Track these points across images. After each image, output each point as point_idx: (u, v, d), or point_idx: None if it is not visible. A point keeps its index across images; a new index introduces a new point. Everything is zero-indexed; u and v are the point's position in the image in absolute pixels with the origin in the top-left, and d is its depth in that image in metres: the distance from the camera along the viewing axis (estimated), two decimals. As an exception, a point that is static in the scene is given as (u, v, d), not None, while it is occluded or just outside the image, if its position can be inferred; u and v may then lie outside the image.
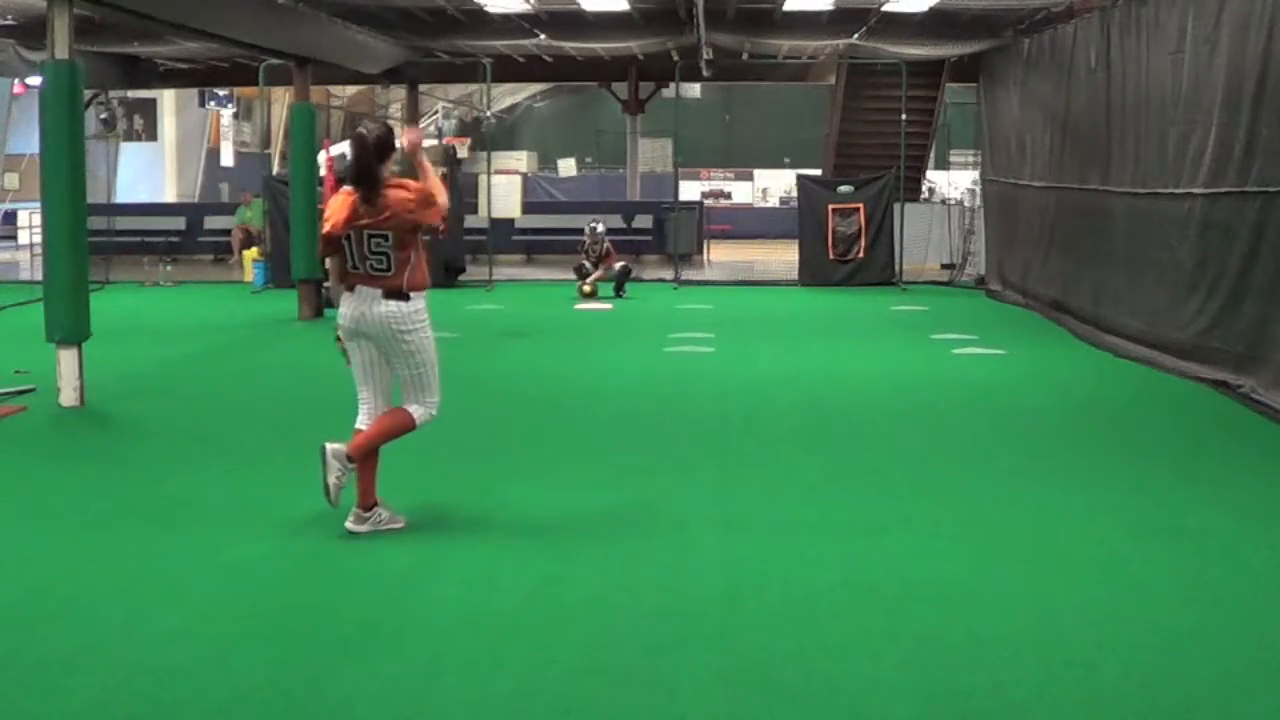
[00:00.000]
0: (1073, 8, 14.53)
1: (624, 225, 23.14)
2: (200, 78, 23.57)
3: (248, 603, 5.06)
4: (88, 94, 16.45)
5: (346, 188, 5.86)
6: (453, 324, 14.44)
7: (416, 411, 5.92)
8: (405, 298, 5.81)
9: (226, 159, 32.85)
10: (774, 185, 36.32)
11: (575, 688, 4.23)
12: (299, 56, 15.23)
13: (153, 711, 4.05)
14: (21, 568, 5.57)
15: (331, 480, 5.77)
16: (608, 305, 16.54)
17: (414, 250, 5.83)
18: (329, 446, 5.81)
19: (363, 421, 6.01)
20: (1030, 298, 15.77)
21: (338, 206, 5.87)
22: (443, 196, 5.87)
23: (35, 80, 16.80)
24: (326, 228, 5.90)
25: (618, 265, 17.33)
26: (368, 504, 5.96)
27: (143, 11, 11.46)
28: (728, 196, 36.43)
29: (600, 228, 17.44)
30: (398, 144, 5.89)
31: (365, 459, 5.90)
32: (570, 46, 19.71)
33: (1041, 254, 15.41)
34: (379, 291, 5.78)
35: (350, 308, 5.91)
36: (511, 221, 21.64)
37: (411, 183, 5.87)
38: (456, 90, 34.26)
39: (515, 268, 21.82)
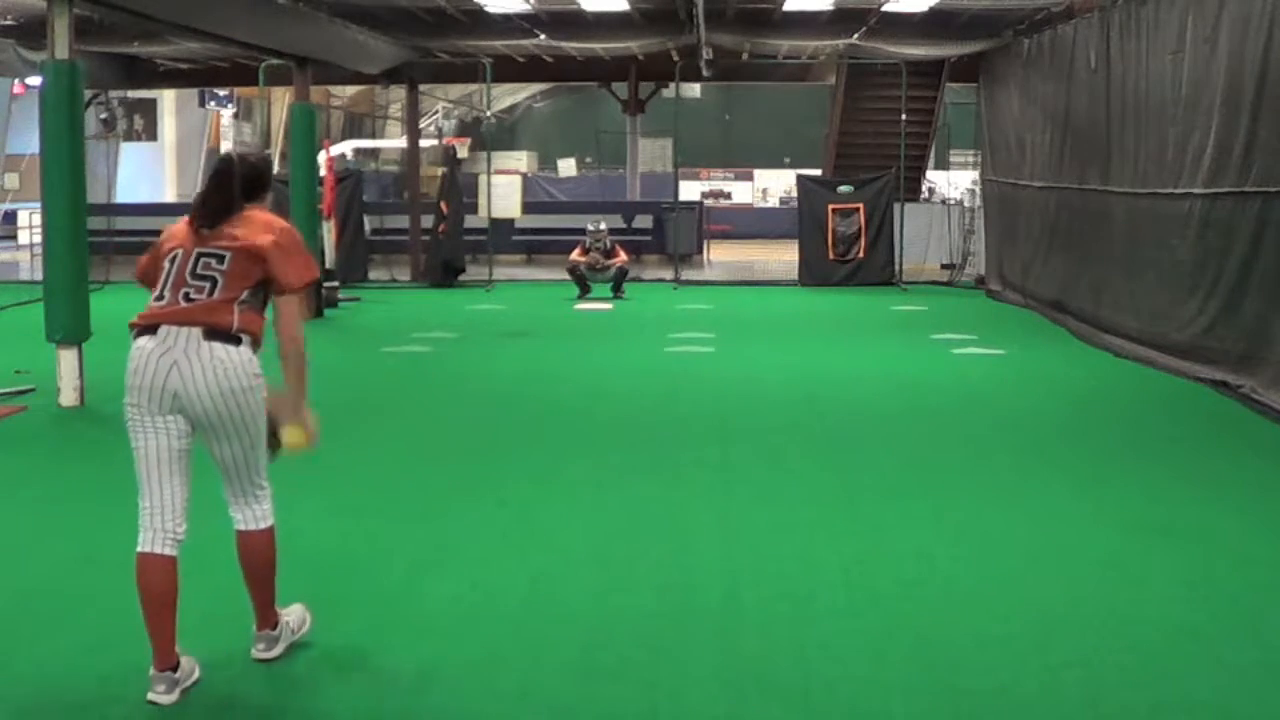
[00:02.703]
0: (1073, 8, 14.52)
1: (624, 225, 23.13)
2: (200, 78, 23.54)
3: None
4: (88, 94, 16.44)
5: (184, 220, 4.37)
6: (453, 324, 14.46)
7: (257, 513, 4.37)
8: (235, 340, 4.10)
9: (227, 159, 32.82)
10: (774, 185, 36.30)
11: (575, 688, 4.23)
12: (299, 56, 15.23)
13: (155, 710, 4.05)
14: (22, 567, 5.57)
15: (278, 652, 4.42)
16: (608, 305, 16.54)
17: (250, 291, 4.17)
18: (255, 652, 4.41)
19: (148, 544, 4.11)
20: (1030, 298, 15.77)
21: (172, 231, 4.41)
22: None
23: (35, 80, 16.80)
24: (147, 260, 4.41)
25: (618, 261, 17.24)
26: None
27: (143, 11, 11.45)
28: (728, 196, 36.40)
29: (602, 225, 17.37)
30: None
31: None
32: (570, 46, 19.70)
33: (1041, 254, 15.41)
34: (198, 330, 4.06)
35: (149, 359, 4.07)
36: (511, 221, 21.64)
37: (277, 222, 4.31)
38: (456, 90, 34.27)
39: (515, 268, 21.82)
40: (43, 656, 4.48)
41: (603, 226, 17.36)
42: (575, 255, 17.30)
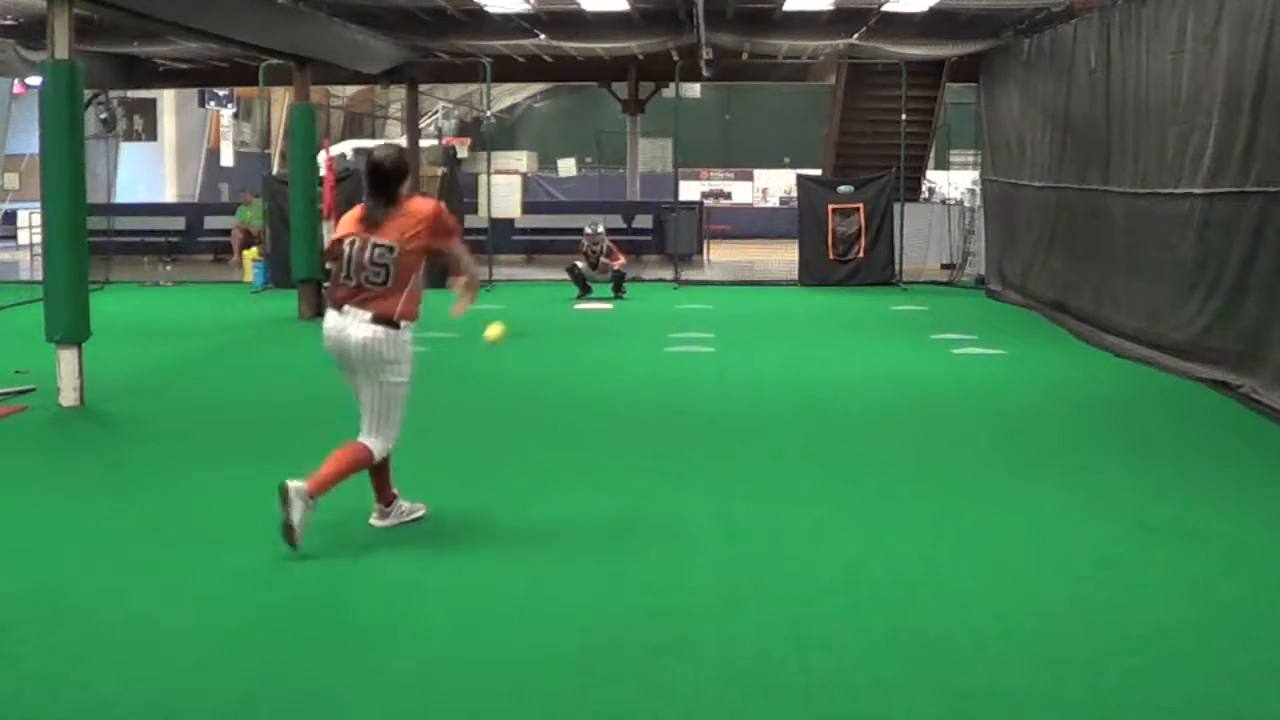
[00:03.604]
0: (1073, 8, 14.53)
1: (624, 225, 23.13)
2: (200, 78, 23.56)
3: (250, 603, 5.06)
4: (88, 94, 16.44)
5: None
6: (452, 324, 14.44)
7: (375, 444, 5.73)
8: (395, 325, 5.65)
9: (226, 159, 32.85)
10: (774, 185, 36.29)
11: (575, 688, 4.23)
12: (299, 56, 15.23)
13: (156, 710, 4.05)
14: (22, 568, 5.57)
15: (295, 518, 5.44)
16: (608, 305, 16.54)
17: (414, 274, 5.72)
18: (291, 485, 5.47)
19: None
20: (1030, 298, 15.77)
21: (347, 218, 5.84)
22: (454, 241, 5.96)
23: (35, 80, 16.80)
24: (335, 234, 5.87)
25: (615, 264, 17.24)
26: (387, 499, 6.01)
27: (143, 11, 11.45)
28: (728, 196, 36.39)
29: (600, 228, 17.38)
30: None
31: (377, 469, 5.86)
32: (570, 46, 19.71)
33: (1041, 254, 15.41)
34: (367, 315, 5.61)
35: (332, 330, 5.72)
36: (511, 221, 21.64)
37: (427, 206, 5.81)
38: (456, 90, 34.27)
39: (515, 268, 21.82)
40: (44, 656, 4.48)
41: (600, 229, 17.31)
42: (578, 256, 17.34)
